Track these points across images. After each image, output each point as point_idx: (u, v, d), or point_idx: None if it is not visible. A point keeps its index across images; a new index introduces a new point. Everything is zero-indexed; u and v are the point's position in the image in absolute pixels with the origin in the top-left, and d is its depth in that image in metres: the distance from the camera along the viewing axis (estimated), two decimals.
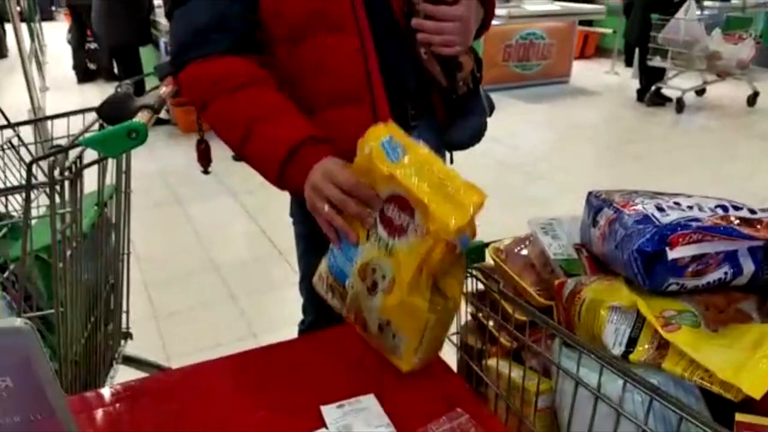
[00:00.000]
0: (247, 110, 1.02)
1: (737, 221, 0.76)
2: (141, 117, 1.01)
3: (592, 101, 6.45)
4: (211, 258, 3.12)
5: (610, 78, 7.42)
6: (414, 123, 1.18)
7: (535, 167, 4.44)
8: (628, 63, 7.53)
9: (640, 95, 6.18)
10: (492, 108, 1.31)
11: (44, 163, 1.14)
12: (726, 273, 0.76)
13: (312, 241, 1.12)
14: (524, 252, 1.02)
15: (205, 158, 1.38)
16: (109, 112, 1.10)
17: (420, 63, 1.12)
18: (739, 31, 6.15)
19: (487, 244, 1.04)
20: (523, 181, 4.16)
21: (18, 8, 3.78)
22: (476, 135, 1.26)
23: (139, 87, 4.95)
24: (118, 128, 0.95)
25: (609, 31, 7.61)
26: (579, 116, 5.90)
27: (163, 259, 3.08)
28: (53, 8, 11.66)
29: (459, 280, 0.90)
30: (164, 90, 1.19)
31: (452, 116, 1.22)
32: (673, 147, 4.96)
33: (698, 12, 5.45)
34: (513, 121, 5.52)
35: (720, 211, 0.78)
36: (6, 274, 1.20)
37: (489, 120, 1.26)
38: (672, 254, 0.74)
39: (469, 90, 1.18)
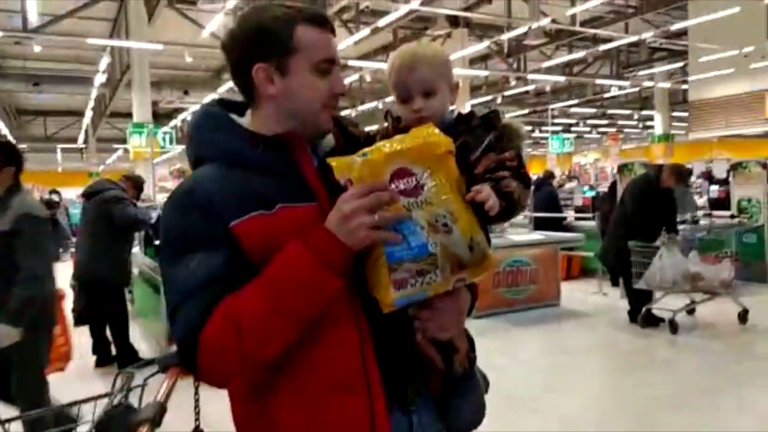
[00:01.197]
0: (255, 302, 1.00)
1: None
2: None
3: (584, 324, 6.46)
4: None
5: (598, 299, 7.55)
6: (413, 407, 1.16)
7: (533, 399, 4.26)
8: (614, 283, 7.75)
9: (632, 316, 6.23)
10: (487, 384, 1.30)
11: None
12: None
13: None
14: None
15: None
16: (109, 427, 1.06)
17: (416, 347, 1.14)
18: (714, 252, 6.45)
19: None
20: (522, 416, 3.95)
21: None
22: (477, 416, 1.24)
23: (121, 333, 4.78)
24: None
25: (590, 254, 7.96)
26: (574, 340, 5.85)
27: None
28: (60, 250, 12.16)
29: None
30: (166, 385, 1.16)
31: (450, 397, 1.21)
32: (675, 373, 4.84)
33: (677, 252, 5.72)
34: (507, 348, 5.45)
35: None
36: None
37: (485, 347, 1.29)
38: None
39: (465, 370, 1.18)
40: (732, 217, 7.68)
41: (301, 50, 1.12)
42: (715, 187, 10.31)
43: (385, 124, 1.30)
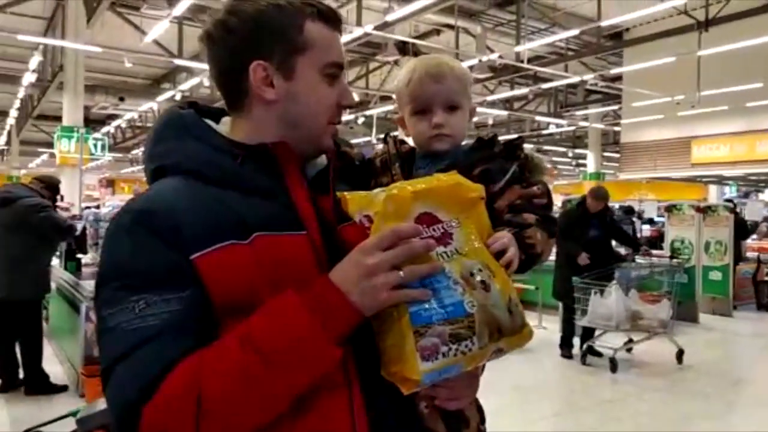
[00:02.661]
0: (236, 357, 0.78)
1: None
2: None
3: (528, 359, 6.42)
4: None
5: (539, 332, 7.57)
6: None
7: None
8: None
9: (563, 349, 6.32)
10: None
11: None
12: None
13: None
14: None
15: None
16: None
17: (417, 418, 0.93)
18: (652, 292, 6.61)
19: None
20: None
21: None
22: None
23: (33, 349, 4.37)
24: None
25: (532, 287, 8.01)
26: (519, 376, 5.79)
27: None
28: None
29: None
30: None
31: None
32: (618, 412, 4.84)
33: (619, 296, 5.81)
34: None
35: None
36: None
37: None
38: None
39: None
40: (671, 257, 7.94)
41: (311, 49, 0.92)
42: (647, 227, 10.73)
43: (380, 146, 1.14)
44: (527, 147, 1.09)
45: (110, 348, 0.82)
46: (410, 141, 1.14)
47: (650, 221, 13.47)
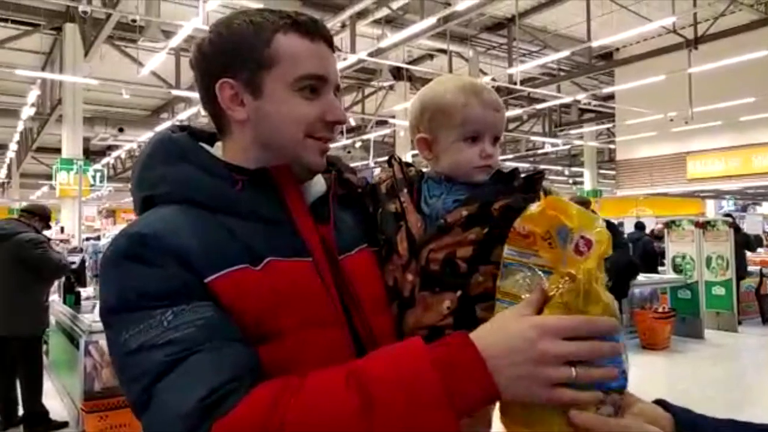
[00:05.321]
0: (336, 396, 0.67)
1: None
2: None
3: None
4: None
5: None
6: None
7: None
8: None
9: None
10: None
11: None
12: None
13: None
14: None
15: None
16: None
17: None
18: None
19: None
20: None
21: None
22: None
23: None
24: None
25: None
26: None
27: None
28: None
29: None
30: None
31: None
32: None
33: None
34: None
35: None
36: None
37: None
38: None
39: None
40: (677, 272, 7.93)
41: (280, 64, 0.86)
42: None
43: (377, 170, 1.11)
44: (546, 183, 1.03)
45: (142, 370, 0.71)
46: (423, 165, 1.08)
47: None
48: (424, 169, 1.06)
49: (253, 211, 0.85)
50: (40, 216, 4.92)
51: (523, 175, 1.00)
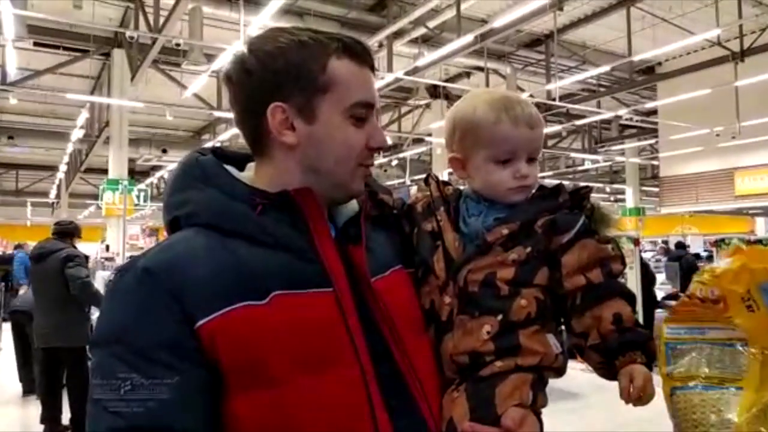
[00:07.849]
0: None
1: None
2: None
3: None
4: None
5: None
6: None
7: None
8: None
9: None
10: None
11: None
12: None
13: None
14: None
15: None
16: None
17: None
18: None
19: None
20: None
21: None
22: None
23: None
24: None
25: None
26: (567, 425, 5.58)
27: None
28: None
29: None
30: None
31: None
32: None
33: None
34: None
35: None
36: None
37: None
38: None
39: None
40: None
41: (334, 89, 0.84)
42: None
43: (414, 189, 1.08)
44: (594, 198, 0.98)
45: (91, 421, 0.76)
46: (461, 183, 1.05)
47: (696, 256, 13.05)
48: (462, 188, 1.02)
49: (272, 235, 0.82)
50: (74, 229, 5.16)
51: (568, 191, 0.95)
